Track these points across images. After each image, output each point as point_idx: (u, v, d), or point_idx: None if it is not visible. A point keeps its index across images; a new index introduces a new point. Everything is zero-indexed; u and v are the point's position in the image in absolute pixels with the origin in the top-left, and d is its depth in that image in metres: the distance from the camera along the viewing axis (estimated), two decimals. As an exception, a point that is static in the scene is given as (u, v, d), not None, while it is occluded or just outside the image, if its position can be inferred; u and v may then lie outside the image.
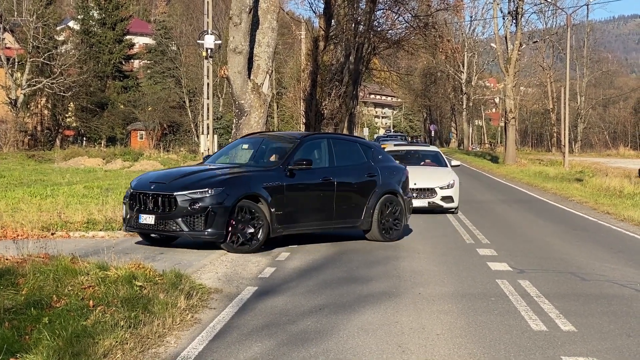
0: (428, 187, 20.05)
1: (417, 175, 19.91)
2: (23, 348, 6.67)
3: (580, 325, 8.33)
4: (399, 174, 15.68)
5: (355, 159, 15.11)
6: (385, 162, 15.54)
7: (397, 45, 45.09)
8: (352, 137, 18.01)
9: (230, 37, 18.52)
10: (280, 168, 13.47)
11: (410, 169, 20.30)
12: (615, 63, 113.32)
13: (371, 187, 14.81)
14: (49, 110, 65.16)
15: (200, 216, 12.30)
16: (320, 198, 14.00)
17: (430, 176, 20.46)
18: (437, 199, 20.02)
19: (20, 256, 10.41)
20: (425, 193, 19.99)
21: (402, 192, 15.41)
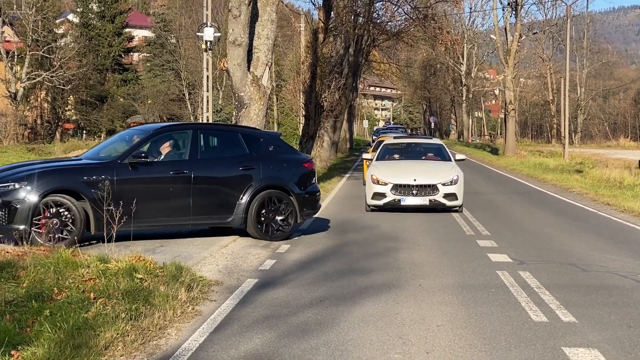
0: (429, 183, 18.48)
1: (417, 170, 19.12)
2: (24, 340, 6.68)
3: (581, 316, 8.34)
4: (294, 167, 14.23)
5: (229, 150, 14.02)
6: (278, 154, 14.21)
7: (396, 37, 45.00)
8: (233, 128, 16.21)
9: (230, 30, 18.50)
10: (113, 162, 12.70)
11: (411, 163, 20.10)
12: (615, 54, 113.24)
13: (246, 181, 13.61)
14: (48, 103, 65.14)
15: (4, 210, 11.79)
16: (170, 193, 12.96)
17: (432, 171, 19.13)
18: (439, 197, 18.49)
19: (21, 249, 10.42)
20: (426, 190, 18.44)
21: (294, 187, 13.98)
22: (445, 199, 18.49)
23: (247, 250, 12.78)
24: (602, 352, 6.97)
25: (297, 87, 55.71)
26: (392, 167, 19.55)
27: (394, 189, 18.44)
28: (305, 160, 14.80)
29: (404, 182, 18.46)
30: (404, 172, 18.97)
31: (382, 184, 18.55)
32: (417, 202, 18.34)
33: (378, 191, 18.58)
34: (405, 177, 18.57)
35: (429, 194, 18.42)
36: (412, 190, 18.33)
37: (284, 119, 67.86)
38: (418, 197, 18.37)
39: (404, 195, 18.39)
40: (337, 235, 14.69)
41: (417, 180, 18.47)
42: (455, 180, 18.68)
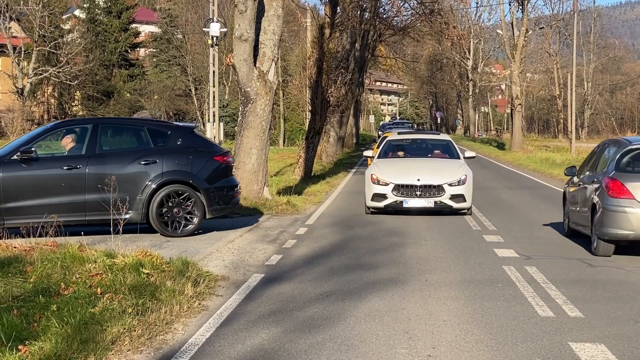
0: (434, 183, 16.94)
1: (422, 169, 17.58)
2: (32, 335, 6.70)
3: (588, 311, 8.33)
4: (202, 161, 13.57)
5: (131, 145, 13.70)
6: (185, 148, 13.57)
7: (402, 32, 44.92)
8: (137, 121, 15.83)
9: (236, 25, 18.49)
10: (0, 158, 12.68)
11: (415, 161, 18.59)
12: (622, 49, 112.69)
13: (146, 176, 13.12)
14: (55, 99, 65.23)
15: None
16: (63, 189, 12.73)
17: (438, 170, 17.56)
18: (445, 198, 16.96)
19: (28, 244, 10.45)
20: (431, 191, 16.91)
21: (202, 182, 13.34)
22: (452, 200, 17.03)
23: (253, 245, 12.79)
24: (608, 347, 6.97)
25: (304, 83, 55.66)
26: (394, 166, 18.04)
27: (396, 189, 16.95)
28: (218, 153, 13.99)
29: (407, 182, 16.97)
30: (407, 171, 17.46)
31: (383, 184, 17.04)
32: (421, 204, 16.92)
33: (378, 192, 17.09)
34: (408, 177, 17.08)
35: (434, 195, 16.93)
36: (416, 191, 16.90)
37: (290, 114, 67.84)
38: (422, 198, 16.92)
39: (407, 196, 16.93)
40: (343, 230, 14.69)
41: (421, 180, 16.97)
42: (463, 180, 17.12)
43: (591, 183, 12.90)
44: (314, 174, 29.76)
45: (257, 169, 18.37)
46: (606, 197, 11.91)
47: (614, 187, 11.86)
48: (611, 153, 12.90)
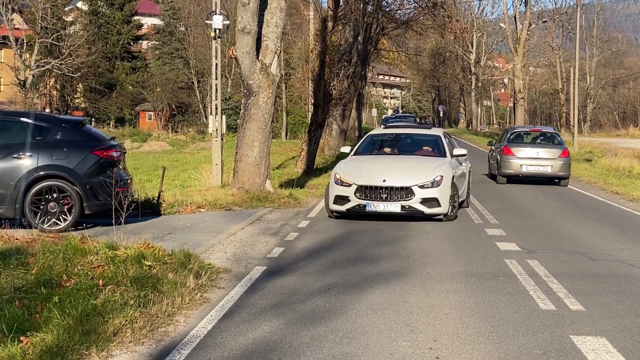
0: (401, 185, 14.65)
1: (391, 168, 15.47)
2: (33, 326, 6.72)
3: (589, 305, 8.33)
4: (80, 156, 13.03)
5: (7, 139, 13.08)
6: (64, 142, 13.09)
7: (405, 26, 44.82)
8: (13, 113, 15.29)
9: (239, 18, 18.47)
10: None
11: (389, 159, 16.63)
12: (625, 43, 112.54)
13: (19, 170, 12.66)
14: (57, 91, 65.29)
15: None
16: None
17: (409, 170, 15.28)
18: (415, 202, 14.62)
19: (30, 236, 10.46)
20: (398, 194, 14.62)
21: (79, 177, 12.82)
22: (424, 205, 14.68)
23: (255, 238, 12.80)
24: (610, 341, 6.97)
25: (306, 76, 55.57)
26: (362, 165, 15.95)
27: (359, 191, 14.77)
28: (99, 147, 13.37)
29: (371, 184, 14.78)
30: (373, 170, 15.33)
31: (346, 185, 14.95)
32: (386, 208, 14.64)
33: (340, 194, 15.01)
34: (373, 177, 14.93)
35: (402, 199, 14.61)
36: (381, 193, 14.64)
37: (293, 107, 67.76)
38: (388, 202, 14.63)
39: (371, 199, 14.69)
40: (345, 223, 14.68)
41: (388, 180, 14.74)
42: (437, 182, 14.79)
43: (497, 149, 26.11)
44: (316, 167, 29.75)
45: (259, 162, 18.36)
46: (502, 155, 25.23)
47: (505, 150, 25.17)
48: (506, 134, 27.10)
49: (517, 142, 25.92)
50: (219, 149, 21.26)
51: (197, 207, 16.21)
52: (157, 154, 39.65)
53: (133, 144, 45.03)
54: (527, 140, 27.02)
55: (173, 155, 38.13)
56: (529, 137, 27.51)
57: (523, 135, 27.33)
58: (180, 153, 40.09)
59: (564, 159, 24.96)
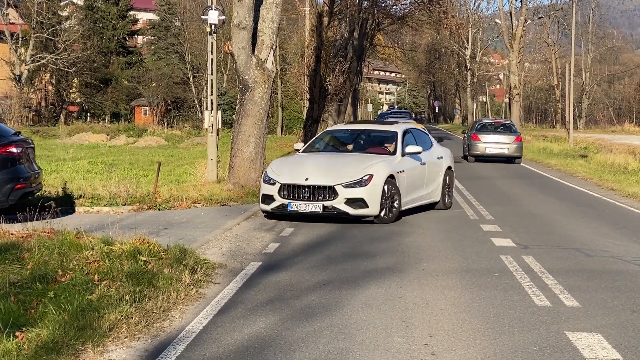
0: (324, 184, 13.63)
1: (320, 166, 14.48)
2: (29, 322, 6.71)
3: (584, 301, 8.35)
4: None
5: None
6: None
7: (401, 21, 44.88)
8: None
9: (234, 13, 18.45)
10: None
11: (323, 156, 15.60)
12: (620, 39, 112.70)
13: None
14: (53, 86, 65.16)
15: None
16: None
17: (338, 168, 14.19)
18: (339, 203, 13.55)
19: (25, 231, 10.44)
20: (320, 193, 13.63)
21: None
22: (349, 205, 13.58)
23: (251, 233, 12.80)
24: (605, 337, 6.98)
25: (302, 71, 55.52)
26: (294, 162, 15.19)
27: (283, 190, 13.92)
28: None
29: (293, 182, 13.91)
30: (300, 168, 14.40)
31: (272, 183, 14.15)
32: (307, 208, 13.70)
33: (266, 192, 14.22)
34: (297, 176, 14.04)
35: (325, 199, 13.63)
36: (303, 192, 13.75)
37: (289, 102, 67.72)
38: (310, 202, 13.70)
39: (293, 199, 13.83)
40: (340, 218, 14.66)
41: (310, 179, 13.80)
42: (365, 181, 13.67)
43: (468, 136, 34.50)
44: (312, 162, 29.70)
45: (255, 157, 18.35)
46: (471, 140, 33.33)
47: (474, 136, 33.33)
48: (475, 124, 35.40)
49: (482, 130, 34.19)
50: (215, 144, 21.23)
51: (192, 202, 16.19)
52: (153, 149, 39.60)
53: (128, 139, 44.93)
54: (490, 129, 34.65)
55: (168, 150, 38.10)
56: (492, 127, 35.13)
57: (487, 125, 35.47)
58: (176, 148, 40.05)
59: (518, 143, 33.18)
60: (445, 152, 17.30)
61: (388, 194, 14.02)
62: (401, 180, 14.54)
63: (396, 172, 14.40)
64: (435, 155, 16.58)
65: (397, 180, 14.37)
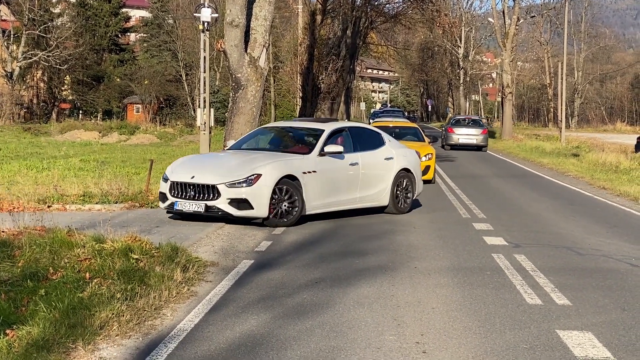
0: (207, 183, 12.94)
1: (214, 164, 13.95)
2: (19, 319, 6.69)
3: (575, 299, 8.37)
4: None
5: None
6: None
7: (394, 20, 44.95)
8: None
9: (227, 10, 18.44)
10: None
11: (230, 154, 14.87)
12: (612, 38, 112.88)
13: None
14: (45, 83, 65.02)
15: None
16: None
17: (230, 166, 13.48)
18: (222, 203, 12.80)
19: (17, 229, 10.42)
20: (204, 192, 12.97)
21: None
22: (232, 206, 12.81)
23: (243, 231, 12.78)
24: (595, 335, 7.00)
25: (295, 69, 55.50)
26: (198, 159, 14.79)
27: (172, 188, 13.33)
28: None
29: (180, 180, 13.27)
30: (198, 166, 13.83)
31: (165, 181, 13.64)
32: (190, 208, 13.04)
33: (161, 190, 13.68)
34: (186, 173, 13.40)
35: (208, 198, 12.93)
36: (189, 191, 13.10)
37: (281, 100, 67.69)
38: (195, 201, 13.02)
39: (179, 197, 13.19)
40: (333, 217, 14.67)
41: (196, 177, 13.14)
42: (251, 181, 12.85)
43: (445, 129, 44.28)
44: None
45: (247, 155, 18.31)
46: (447, 132, 42.49)
47: (449, 129, 42.36)
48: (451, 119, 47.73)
49: (456, 124, 43.22)
50: (207, 142, 21.23)
51: (184, 200, 16.10)
52: (145, 146, 39.52)
53: (121, 136, 44.87)
54: (463, 124, 43.45)
55: (161, 148, 38.01)
56: (464, 122, 44.14)
57: (460, 120, 44.91)
58: (168, 146, 39.97)
59: (484, 135, 41.89)
60: (404, 152, 15.97)
61: (283, 195, 13.14)
62: (309, 181, 13.53)
63: (301, 173, 13.41)
64: (382, 156, 15.32)
65: (303, 181, 13.38)
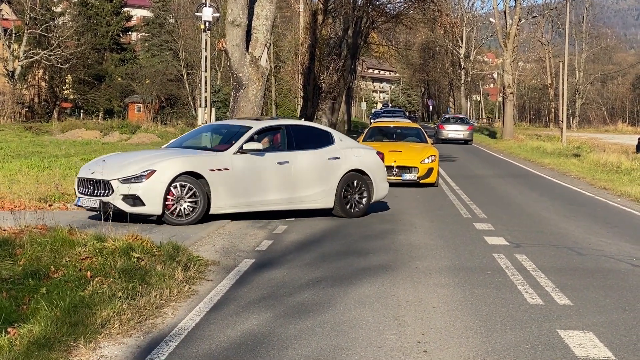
0: (102, 178, 12.69)
1: (113, 160, 13.44)
2: (21, 318, 6.69)
3: (576, 299, 8.36)
4: None
5: None
6: None
7: (395, 20, 44.95)
8: None
9: (229, 10, 18.45)
10: None
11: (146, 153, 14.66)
12: (614, 39, 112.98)
13: None
14: (46, 82, 65.04)
15: None
16: None
17: (133, 161, 13.14)
18: (115, 198, 12.51)
19: (18, 227, 10.42)
20: (101, 188, 12.71)
21: None
22: (125, 202, 12.53)
23: (244, 230, 12.78)
24: (597, 335, 7.00)
25: (296, 69, 55.56)
26: (114, 157, 14.18)
27: (78, 184, 13.24)
28: None
29: (82, 175, 13.27)
30: (107, 162, 13.40)
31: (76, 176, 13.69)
32: (89, 203, 12.83)
33: (74, 186, 13.70)
34: (88, 169, 13.36)
35: (103, 194, 12.65)
36: (89, 186, 12.94)
37: (282, 100, 67.72)
38: (92, 196, 12.80)
39: (82, 193, 13.05)
40: (334, 216, 14.68)
41: (95, 172, 12.94)
42: (143, 177, 12.56)
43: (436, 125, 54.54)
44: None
45: (248, 155, 18.31)
46: (438, 129, 50.68)
47: (440, 126, 51.11)
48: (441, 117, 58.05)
49: (446, 122, 51.57)
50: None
51: (185, 199, 16.12)
52: (146, 145, 39.52)
53: (122, 135, 44.85)
54: (452, 121, 51.77)
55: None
56: (453, 120, 52.45)
57: (450, 118, 53.10)
58: (169, 145, 39.97)
59: (470, 131, 50.09)
60: (358, 153, 15.08)
61: (184, 193, 12.76)
62: (219, 179, 13.08)
63: (207, 170, 12.95)
64: (326, 156, 14.49)
65: (210, 179, 12.94)
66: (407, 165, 20.38)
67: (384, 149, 19.92)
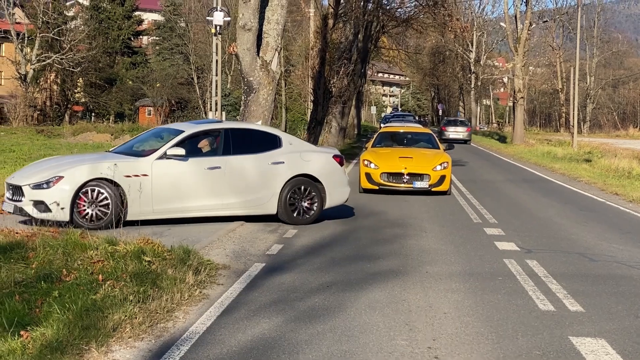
0: (17, 184, 12.51)
1: (51, 165, 13.07)
2: (33, 321, 6.72)
3: (588, 306, 8.34)
4: None
5: None
6: None
7: (406, 24, 44.88)
8: None
9: (240, 14, 18.48)
10: None
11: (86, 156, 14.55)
12: (625, 43, 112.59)
13: None
14: (58, 85, 65.29)
15: None
16: None
17: (41, 167, 13.04)
18: (26, 204, 12.22)
19: (30, 230, 10.47)
20: (16, 193, 12.55)
21: None
22: (35, 208, 12.19)
23: (254, 234, 12.80)
24: (609, 342, 6.98)
25: (306, 73, 55.58)
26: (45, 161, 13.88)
27: (6, 189, 13.08)
28: None
29: (7, 180, 13.24)
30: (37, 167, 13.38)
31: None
32: (8, 208, 12.63)
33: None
34: (15, 174, 13.49)
35: (17, 200, 12.44)
36: (9, 190, 12.84)
37: (292, 104, 67.78)
38: (10, 201, 12.59)
39: (8, 198, 12.83)
40: (344, 221, 14.69)
41: (15, 178, 12.89)
42: (51, 183, 12.29)
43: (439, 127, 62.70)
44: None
45: (259, 159, 18.34)
46: (441, 130, 58.02)
47: (443, 128, 58.78)
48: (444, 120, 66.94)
49: (448, 124, 59.10)
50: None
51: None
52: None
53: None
54: (453, 124, 59.08)
55: (172, 151, 38.11)
56: (454, 122, 60.03)
57: (451, 121, 60.99)
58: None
59: (468, 132, 57.82)
60: (308, 157, 14.42)
61: (94, 198, 12.38)
62: (134, 185, 12.64)
63: (123, 176, 12.56)
64: (268, 161, 13.92)
65: (124, 185, 12.54)
66: (418, 172, 19.71)
67: (394, 155, 19.69)
